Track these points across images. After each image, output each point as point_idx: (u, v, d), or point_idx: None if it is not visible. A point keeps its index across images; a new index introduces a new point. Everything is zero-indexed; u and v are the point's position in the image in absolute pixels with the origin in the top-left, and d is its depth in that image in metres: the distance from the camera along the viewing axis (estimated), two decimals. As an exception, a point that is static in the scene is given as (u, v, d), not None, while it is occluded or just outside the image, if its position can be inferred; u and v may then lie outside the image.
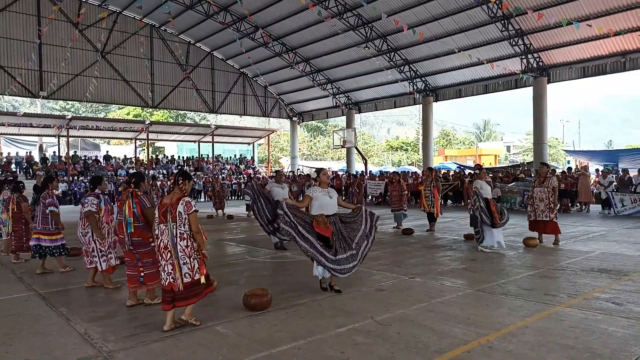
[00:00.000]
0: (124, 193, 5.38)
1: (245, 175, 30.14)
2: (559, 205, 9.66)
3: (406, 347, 3.92)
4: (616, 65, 19.07)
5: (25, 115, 26.26)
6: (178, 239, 4.38)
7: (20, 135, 28.88)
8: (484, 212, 8.30)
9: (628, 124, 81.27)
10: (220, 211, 16.98)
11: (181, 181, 4.54)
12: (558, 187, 9.43)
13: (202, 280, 4.45)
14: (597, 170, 18.54)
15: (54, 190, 7.45)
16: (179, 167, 29.91)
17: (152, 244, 5.11)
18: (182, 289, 4.36)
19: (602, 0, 17.06)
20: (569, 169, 19.88)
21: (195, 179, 27.56)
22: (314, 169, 5.82)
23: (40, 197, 7.14)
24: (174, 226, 4.39)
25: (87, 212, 5.97)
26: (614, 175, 16.85)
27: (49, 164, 26.65)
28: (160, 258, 4.46)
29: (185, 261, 4.39)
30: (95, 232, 6.01)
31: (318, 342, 4.08)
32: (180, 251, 4.38)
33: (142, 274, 5.21)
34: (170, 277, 4.38)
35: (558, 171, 18.69)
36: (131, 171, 21.66)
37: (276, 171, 10.68)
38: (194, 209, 4.44)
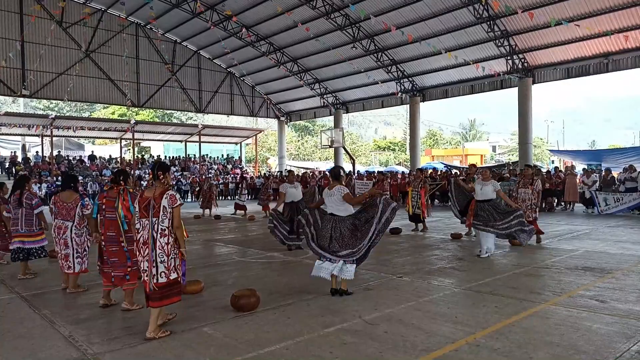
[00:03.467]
0: (114, 191, 5.27)
1: (232, 175, 29.99)
2: (541, 205, 9.75)
3: (394, 346, 3.93)
4: (599, 67, 19.39)
5: (7, 114, 25.79)
6: (159, 235, 4.21)
7: (3, 134, 28.34)
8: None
9: (610, 124, 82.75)
10: (207, 211, 16.88)
11: (161, 175, 4.35)
12: (542, 188, 9.60)
13: (179, 277, 4.30)
14: (583, 169, 18.86)
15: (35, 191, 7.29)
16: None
17: None
18: (156, 289, 4.20)
19: (586, 3, 17.34)
20: (556, 168, 20.17)
21: (182, 179, 27.36)
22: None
23: (24, 198, 6.85)
24: (156, 221, 4.22)
25: (89, 214, 5.89)
26: (597, 175, 17.13)
27: (32, 164, 26.21)
28: (137, 254, 4.33)
29: (162, 259, 4.21)
30: (94, 233, 5.84)
31: (306, 342, 4.07)
32: (159, 248, 4.20)
33: (128, 269, 5.15)
34: (145, 274, 4.25)
35: (542, 171, 18.90)
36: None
37: (288, 171, 10.51)
38: (178, 202, 4.27)
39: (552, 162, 37.88)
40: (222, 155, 36.62)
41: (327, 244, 5.47)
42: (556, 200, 17.40)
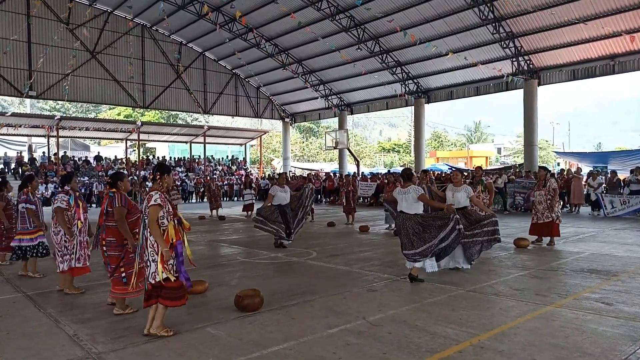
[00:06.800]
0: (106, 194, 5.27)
1: (237, 177, 30.04)
2: (560, 204, 9.34)
3: (398, 348, 3.92)
4: (605, 68, 19.29)
5: (14, 115, 25.97)
6: (148, 234, 4.26)
7: (9, 135, 28.54)
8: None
9: (616, 126, 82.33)
10: (215, 211, 16.98)
11: (158, 176, 4.37)
12: (558, 188, 9.50)
13: (169, 277, 4.20)
14: (589, 171, 18.78)
15: (36, 190, 7.28)
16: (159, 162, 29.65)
17: (127, 246, 5.01)
18: (154, 287, 4.22)
19: (592, 4, 17.26)
20: (562, 170, 20.07)
21: (187, 180, 27.44)
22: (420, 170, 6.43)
23: (18, 196, 7.00)
24: (145, 220, 4.30)
25: (56, 208, 5.78)
26: (603, 177, 17.03)
27: (38, 164, 26.37)
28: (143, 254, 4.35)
29: (154, 258, 4.21)
30: (63, 229, 5.81)
31: (310, 342, 4.06)
32: (150, 247, 4.23)
33: (109, 275, 5.04)
34: (146, 274, 4.29)
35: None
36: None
37: (279, 174, 10.57)
38: (153, 202, 4.20)
39: (558, 164, 37.72)
40: (227, 157, 36.70)
41: (403, 244, 6.07)
42: (562, 203, 17.31)
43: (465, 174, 20.49)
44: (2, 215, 7.67)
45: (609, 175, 17.00)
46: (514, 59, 20.72)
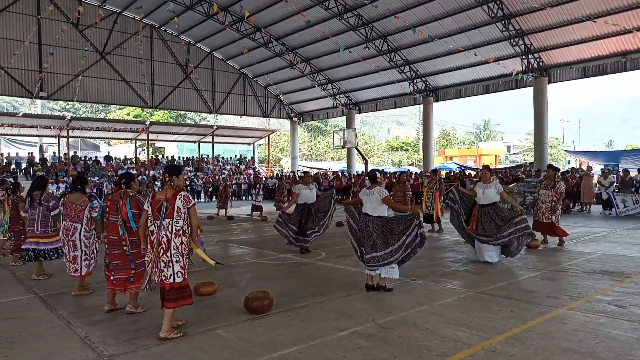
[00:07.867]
0: (115, 194, 5.29)
1: (245, 176, 30.10)
2: (560, 209, 9.32)
3: (408, 351, 3.90)
4: (617, 66, 19.06)
5: (25, 115, 26.22)
6: (173, 236, 4.28)
7: (20, 135, 28.83)
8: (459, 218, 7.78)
9: (628, 124, 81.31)
10: (222, 211, 17.04)
11: (168, 178, 4.40)
12: (564, 191, 9.41)
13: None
14: (602, 170, 18.54)
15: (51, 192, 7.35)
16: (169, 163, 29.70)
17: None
18: (173, 289, 4.26)
19: (603, 1, 17.05)
20: (572, 169, 19.87)
21: (195, 180, 27.54)
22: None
23: (42, 199, 6.90)
24: (169, 222, 4.28)
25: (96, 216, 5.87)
26: (614, 176, 16.83)
27: (49, 164, 26.62)
28: (153, 255, 4.35)
29: (178, 259, 4.28)
30: (100, 234, 5.88)
31: (320, 345, 4.06)
32: (174, 248, 4.27)
33: (132, 272, 5.10)
34: (163, 274, 4.28)
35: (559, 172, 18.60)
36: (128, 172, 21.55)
37: (304, 172, 10.52)
38: (192, 202, 4.38)
39: (568, 162, 37.38)
40: (235, 156, 36.78)
41: (362, 249, 5.78)
42: (572, 202, 17.13)
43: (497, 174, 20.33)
44: (22, 217, 7.70)
45: (621, 174, 16.80)
46: (524, 57, 20.54)
